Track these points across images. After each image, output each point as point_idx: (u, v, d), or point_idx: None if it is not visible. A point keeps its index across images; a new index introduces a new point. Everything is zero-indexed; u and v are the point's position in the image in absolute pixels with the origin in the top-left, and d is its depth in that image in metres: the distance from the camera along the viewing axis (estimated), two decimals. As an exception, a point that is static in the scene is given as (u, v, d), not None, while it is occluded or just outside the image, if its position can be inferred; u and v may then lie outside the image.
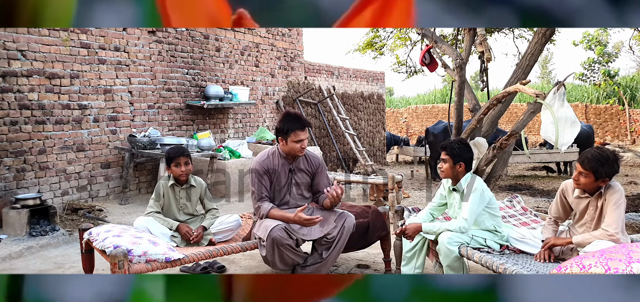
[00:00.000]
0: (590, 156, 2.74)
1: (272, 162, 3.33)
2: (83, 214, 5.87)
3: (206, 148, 7.23)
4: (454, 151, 3.19)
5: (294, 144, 3.25)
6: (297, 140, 3.24)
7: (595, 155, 2.73)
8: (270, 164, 3.32)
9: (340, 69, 12.21)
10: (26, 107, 5.78)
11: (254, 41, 9.48)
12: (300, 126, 3.24)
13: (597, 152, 2.75)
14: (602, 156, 2.71)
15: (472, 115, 6.90)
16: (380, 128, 13.68)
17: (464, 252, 2.99)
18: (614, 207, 2.69)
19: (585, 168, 2.74)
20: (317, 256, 3.25)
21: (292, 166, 3.36)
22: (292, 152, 3.29)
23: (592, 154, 2.74)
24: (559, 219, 3.11)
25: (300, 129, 3.24)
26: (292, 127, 3.23)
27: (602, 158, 2.71)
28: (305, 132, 3.27)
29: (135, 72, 7.10)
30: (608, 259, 2.21)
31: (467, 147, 3.25)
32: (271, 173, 3.31)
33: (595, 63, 20.90)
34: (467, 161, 3.22)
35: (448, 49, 6.50)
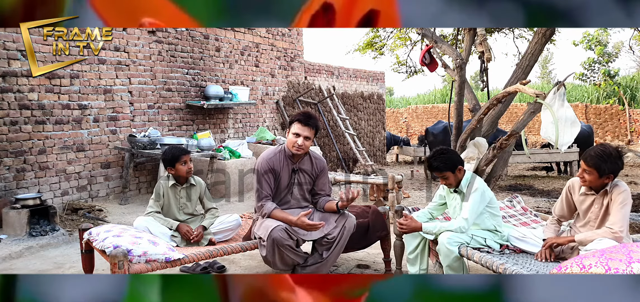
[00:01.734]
0: (593, 153, 2.75)
1: (277, 160, 3.32)
2: (83, 214, 5.87)
3: (206, 148, 7.23)
4: (448, 164, 3.14)
5: (291, 136, 3.25)
6: (293, 133, 3.23)
7: (598, 152, 2.74)
8: (275, 161, 3.31)
9: (340, 69, 12.21)
10: (26, 107, 5.78)
11: (254, 41, 9.47)
12: (300, 118, 3.23)
13: (600, 149, 2.76)
14: (605, 153, 2.72)
15: (472, 115, 6.90)
16: (380, 128, 13.68)
17: (464, 252, 2.99)
18: (620, 206, 2.70)
19: (589, 165, 2.75)
20: (317, 256, 3.24)
21: (295, 165, 3.35)
22: (289, 146, 3.29)
23: (595, 151, 2.75)
24: (563, 218, 3.10)
25: (299, 121, 3.22)
26: (293, 119, 3.26)
27: (605, 154, 2.71)
28: (303, 128, 3.21)
29: (135, 72, 7.10)
30: (608, 259, 2.21)
31: (452, 153, 3.22)
32: (275, 171, 3.31)
33: (595, 63, 20.91)
34: (461, 162, 3.21)
35: (448, 49, 6.50)
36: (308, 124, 3.22)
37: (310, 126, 3.23)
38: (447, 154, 3.19)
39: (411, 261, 3.40)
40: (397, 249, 3.52)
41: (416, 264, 3.37)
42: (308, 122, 3.23)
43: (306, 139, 3.24)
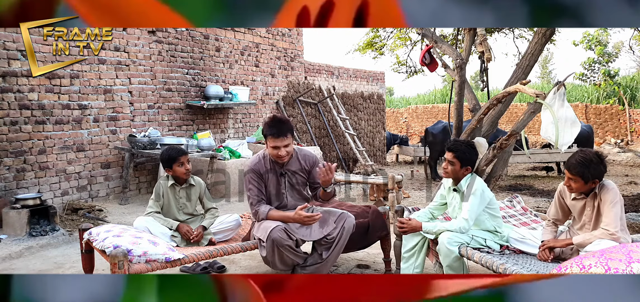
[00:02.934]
0: (574, 161, 2.79)
1: (263, 165, 3.28)
2: (83, 214, 5.87)
3: (206, 148, 7.24)
4: (464, 155, 3.16)
5: (271, 150, 3.17)
6: (273, 147, 3.14)
7: (579, 160, 2.78)
8: (261, 167, 3.27)
9: (340, 69, 12.20)
10: (26, 107, 5.78)
11: (254, 41, 9.48)
12: (274, 132, 3.11)
13: (581, 156, 2.80)
14: (586, 159, 2.76)
15: (472, 115, 6.89)
16: (380, 128, 13.68)
17: (464, 252, 2.99)
18: (611, 206, 2.71)
19: (572, 174, 2.80)
20: (317, 256, 3.24)
21: (282, 169, 3.32)
22: (272, 158, 3.24)
23: (576, 159, 2.79)
24: (558, 221, 3.12)
25: (274, 135, 3.11)
26: (267, 133, 3.16)
27: (586, 161, 2.75)
28: (281, 139, 3.11)
29: (135, 72, 7.10)
30: (608, 259, 2.21)
31: (474, 151, 3.24)
32: (263, 176, 3.27)
33: (595, 63, 20.91)
34: (473, 164, 3.22)
35: (448, 49, 6.50)
36: (281, 134, 3.12)
37: (284, 135, 3.13)
38: (472, 150, 3.21)
39: (405, 258, 3.35)
40: (397, 249, 3.52)
41: (410, 261, 3.32)
42: (281, 133, 3.12)
43: (286, 147, 3.16)
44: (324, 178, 3.14)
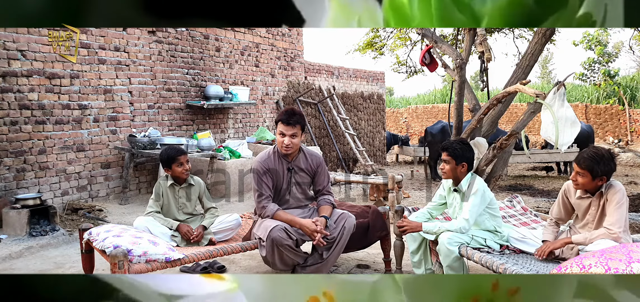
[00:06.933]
0: (585, 155, 2.77)
1: (272, 161, 3.33)
2: (83, 214, 5.87)
3: (206, 148, 7.23)
4: (456, 152, 3.18)
5: (278, 137, 3.28)
6: (280, 133, 3.25)
7: (590, 154, 2.76)
8: (270, 163, 3.32)
9: (340, 69, 12.20)
10: (26, 107, 5.78)
11: (254, 41, 9.47)
12: (284, 119, 3.21)
13: (593, 151, 2.78)
14: (598, 155, 2.74)
15: (472, 115, 6.89)
16: (380, 128, 13.68)
17: (464, 252, 2.99)
18: (617, 206, 2.70)
19: (582, 167, 2.77)
20: (317, 256, 3.24)
21: (290, 165, 3.35)
22: (278, 146, 3.30)
23: (587, 154, 2.77)
24: (560, 220, 3.11)
25: (283, 122, 3.21)
26: (279, 118, 3.27)
27: (598, 156, 2.73)
28: (288, 127, 3.20)
29: (135, 72, 7.10)
30: (608, 259, 2.21)
31: (468, 147, 3.25)
32: (272, 172, 3.31)
33: (595, 63, 20.92)
34: (469, 161, 3.22)
35: (448, 49, 6.50)
36: (290, 122, 3.20)
37: (293, 124, 3.21)
38: (465, 146, 3.22)
39: (416, 264, 3.42)
40: (397, 249, 3.52)
41: (422, 267, 3.40)
42: (290, 121, 3.20)
43: (292, 136, 3.22)
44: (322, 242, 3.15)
